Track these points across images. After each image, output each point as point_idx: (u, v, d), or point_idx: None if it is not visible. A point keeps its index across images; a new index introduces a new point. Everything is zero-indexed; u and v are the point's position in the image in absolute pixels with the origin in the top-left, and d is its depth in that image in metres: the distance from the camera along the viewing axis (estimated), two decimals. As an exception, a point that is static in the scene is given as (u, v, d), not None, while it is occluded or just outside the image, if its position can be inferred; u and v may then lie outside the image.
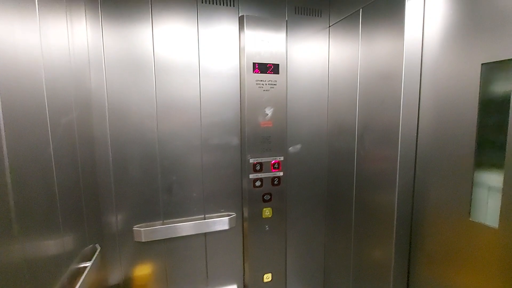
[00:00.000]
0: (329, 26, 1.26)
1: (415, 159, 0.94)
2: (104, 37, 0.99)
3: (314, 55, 1.26)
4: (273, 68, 1.15)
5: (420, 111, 0.92)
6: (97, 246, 0.91)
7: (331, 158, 1.30)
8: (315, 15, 1.24)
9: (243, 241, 1.23)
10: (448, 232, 0.83)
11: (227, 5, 1.12)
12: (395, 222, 0.93)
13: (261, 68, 1.14)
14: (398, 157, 0.92)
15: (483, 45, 0.71)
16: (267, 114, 1.17)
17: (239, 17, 1.13)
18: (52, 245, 0.65)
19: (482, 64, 0.71)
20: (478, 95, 0.73)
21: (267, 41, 1.14)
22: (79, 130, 0.85)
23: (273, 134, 1.19)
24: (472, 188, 0.76)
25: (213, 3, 1.10)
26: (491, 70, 0.70)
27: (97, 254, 0.87)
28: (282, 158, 1.21)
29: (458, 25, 0.78)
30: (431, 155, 0.89)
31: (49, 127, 0.65)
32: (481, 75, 0.72)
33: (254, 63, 1.13)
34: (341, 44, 1.19)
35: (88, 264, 0.78)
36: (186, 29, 1.08)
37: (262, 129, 1.17)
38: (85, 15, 0.97)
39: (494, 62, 0.69)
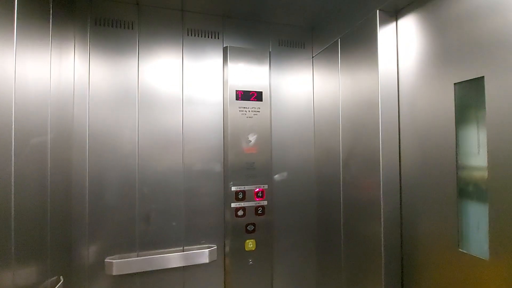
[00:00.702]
0: (313, 57, 1.30)
1: (400, 187, 0.89)
2: (91, 67, 1.03)
3: (299, 84, 1.28)
4: (256, 96, 1.17)
5: (401, 137, 0.90)
6: (61, 278, 0.85)
7: (320, 185, 1.26)
8: (299, 47, 1.29)
9: (224, 276, 1.14)
10: (439, 263, 0.75)
11: (212, 38, 1.17)
12: (383, 253, 0.86)
13: (244, 95, 1.16)
14: (381, 184, 0.87)
15: (454, 67, 0.71)
16: (250, 141, 1.15)
17: (223, 48, 1.18)
18: (3, 276, 0.60)
19: (454, 84, 0.71)
20: (454, 115, 0.71)
21: (251, 70, 1.17)
22: (53, 155, 0.84)
23: (257, 160, 1.16)
24: (458, 217, 0.70)
25: (199, 36, 1.15)
26: (463, 88, 0.70)
27: (58, 286, 0.80)
28: (266, 186, 1.17)
29: (431, 52, 0.79)
30: (416, 182, 0.85)
31: (13, 147, 0.64)
32: (455, 95, 0.71)
33: (237, 91, 1.15)
34: (323, 73, 1.22)
35: (43, 297, 0.72)
36: (171, 60, 1.12)
37: (246, 155, 1.15)
38: (74, 46, 1.02)
39: (465, 81, 0.68)
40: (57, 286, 0.81)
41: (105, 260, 1.00)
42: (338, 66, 1.09)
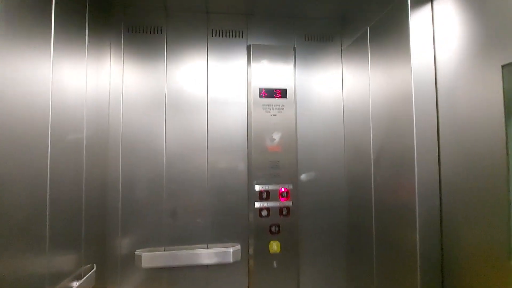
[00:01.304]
0: (342, 50, 1.23)
1: (440, 189, 0.78)
2: (124, 72, 1.11)
3: (328, 80, 1.22)
4: (281, 93, 1.14)
5: (440, 133, 0.79)
6: (94, 266, 0.92)
7: (350, 187, 1.17)
8: (326, 40, 1.23)
9: (248, 278, 1.12)
10: (487, 277, 0.64)
11: (236, 37, 1.18)
12: (418, 263, 0.76)
13: (268, 93, 1.13)
14: (416, 186, 0.77)
15: (502, 47, 0.60)
16: (274, 139, 1.13)
17: (247, 47, 1.17)
18: (37, 263, 0.66)
19: (502, 66, 0.59)
20: (502, 104, 0.60)
21: (274, 68, 1.15)
22: (89, 153, 0.92)
23: (282, 159, 1.13)
24: (510, 225, 0.59)
25: (223, 36, 1.17)
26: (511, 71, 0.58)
27: (90, 274, 0.87)
28: (291, 186, 1.13)
29: (474, 35, 0.68)
30: (459, 184, 0.73)
31: (49, 144, 0.71)
32: (503, 79, 0.60)
33: (261, 89, 1.13)
34: (353, 67, 1.14)
35: (75, 283, 0.78)
36: (196, 62, 1.15)
37: (270, 154, 1.12)
38: (110, 53, 1.10)
39: (514, 62, 0.57)
40: (90, 273, 0.87)
41: (135, 252, 1.06)
42: (368, 58, 1.01)
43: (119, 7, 1.12)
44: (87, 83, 0.92)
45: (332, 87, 1.22)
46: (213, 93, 1.15)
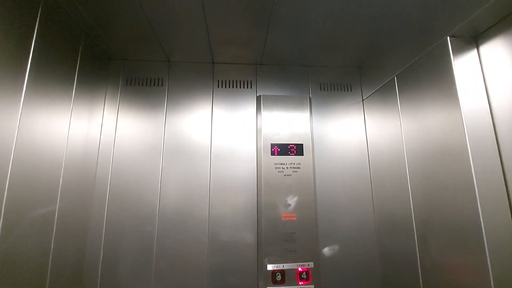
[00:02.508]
0: (363, 100, 1.10)
1: None
2: (118, 125, 0.99)
3: (349, 133, 1.06)
4: (296, 149, 0.98)
5: (510, 195, 0.60)
6: None
7: (384, 264, 0.93)
8: (345, 90, 1.11)
9: None
10: None
11: (244, 87, 1.06)
12: None
13: (281, 149, 0.98)
14: (490, 271, 0.56)
15: None
16: (290, 205, 0.93)
17: (256, 97, 1.05)
18: None
19: None
20: None
21: (288, 120, 1.01)
22: (64, 224, 0.74)
23: (299, 230, 0.92)
24: None
25: (229, 87, 1.06)
26: None
27: None
28: (312, 265, 0.90)
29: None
30: None
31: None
32: None
33: (272, 145, 0.98)
34: (378, 118, 0.99)
35: None
36: (199, 114, 1.03)
37: (284, 223, 0.92)
38: (104, 105, 0.99)
39: None
40: None
41: None
42: (398, 108, 0.86)
43: (118, 60, 1.04)
44: (69, 133, 0.79)
45: (355, 142, 1.06)
46: (218, 148, 1.00)
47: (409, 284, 0.79)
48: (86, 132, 0.88)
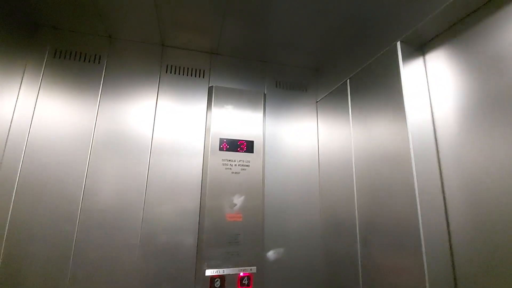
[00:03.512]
0: (317, 101, 1.09)
1: (454, 276, 0.58)
2: (38, 105, 0.83)
3: (301, 134, 1.04)
4: (246, 146, 0.92)
5: (447, 202, 0.62)
6: None
7: (329, 267, 0.92)
8: (300, 90, 1.09)
9: None
10: None
11: (196, 76, 0.98)
12: None
13: (230, 145, 0.91)
14: (426, 271, 0.56)
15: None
16: (236, 204, 0.87)
17: (208, 88, 0.97)
18: None
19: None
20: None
21: (240, 115, 0.95)
22: None
23: (244, 232, 0.86)
24: None
25: (180, 73, 0.97)
26: None
27: None
28: (254, 269, 0.84)
29: (472, 95, 0.56)
30: (480, 268, 0.53)
31: None
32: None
33: (221, 139, 0.91)
34: (330, 121, 0.98)
35: None
36: (142, 99, 0.92)
37: (228, 224, 0.85)
38: (21, 81, 0.83)
39: None
40: None
41: None
42: (349, 112, 0.86)
43: (46, 27, 0.88)
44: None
45: (306, 142, 1.04)
46: (160, 139, 0.89)
47: (351, 284, 0.78)
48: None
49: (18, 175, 0.77)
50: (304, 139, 1.04)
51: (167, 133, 0.90)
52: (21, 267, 0.73)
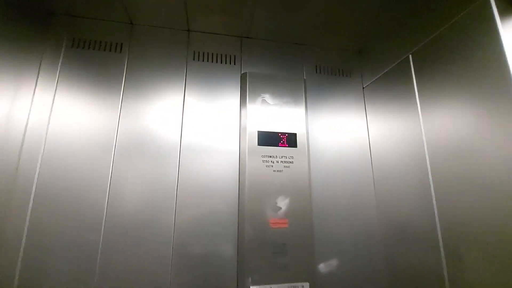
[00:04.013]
0: (364, 87, 0.95)
1: None
2: (55, 103, 0.74)
3: (346, 125, 0.90)
4: (288, 139, 0.80)
5: None
6: None
7: (398, 281, 0.76)
8: (344, 75, 0.95)
9: None
10: None
11: (227, 63, 0.87)
12: None
13: (271, 139, 0.79)
14: None
15: None
16: (280, 208, 0.74)
17: (241, 75, 0.86)
18: None
19: None
20: None
21: (279, 105, 0.82)
22: None
23: (291, 240, 0.73)
24: None
25: (209, 60, 0.86)
26: None
27: None
28: (307, 286, 0.71)
29: None
30: None
31: None
32: None
33: (260, 132, 0.79)
34: (385, 109, 0.84)
35: None
36: (169, 89, 0.81)
37: (273, 232, 0.72)
38: (38, 75, 0.74)
39: None
40: None
41: None
42: (415, 96, 0.71)
43: (61, 16, 0.80)
44: None
45: (354, 134, 0.90)
46: (189, 137, 0.78)
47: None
48: (7, 113, 0.63)
49: (36, 181, 0.68)
50: (351, 130, 0.90)
51: (197, 128, 0.79)
52: (41, 283, 0.63)
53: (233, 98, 0.84)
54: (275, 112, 0.81)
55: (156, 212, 0.71)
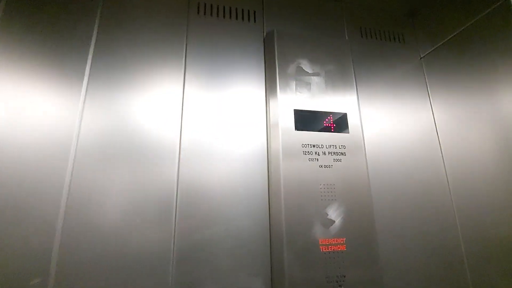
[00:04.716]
0: (421, 58, 0.72)
1: None
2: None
3: (406, 104, 0.67)
4: (336, 122, 0.56)
5: None
6: None
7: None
8: (395, 40, 0.72)
9: None
10: None
11: (243, 19, 0.62)
12: None
13: (311, 120, 0.54)
14: None
15: None
16: (333, 222, 0.50)
17: (265, 35, 0.62)
18: None
19: None
20: None
21: (320, 73, 0.58)
22: None
23: (352, 270, 0.48)
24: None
25: (218, 15, 0.61)
26: None
27: None
28: None
29: None
30: None
31: None
32: None
33: (296, 112, 0.54)
34: (457, 87, 0.61)
35: None
36: (165, 57, 0.56)
37: (324, 257, 0.48)
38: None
39: None
40: None
41: None
42: (496, 66, 0.49)
43: None
44: None
45: (412, 118, 0.67)
46: (192, 128, 0.53)
47: None
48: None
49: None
50: (410, 111, 0.67)
51: (202, 115, 0.54)
52: None
53: (253, 66, 0.60)
54: (316, 84, 0.57)
55: (142, 239, 0.45)
